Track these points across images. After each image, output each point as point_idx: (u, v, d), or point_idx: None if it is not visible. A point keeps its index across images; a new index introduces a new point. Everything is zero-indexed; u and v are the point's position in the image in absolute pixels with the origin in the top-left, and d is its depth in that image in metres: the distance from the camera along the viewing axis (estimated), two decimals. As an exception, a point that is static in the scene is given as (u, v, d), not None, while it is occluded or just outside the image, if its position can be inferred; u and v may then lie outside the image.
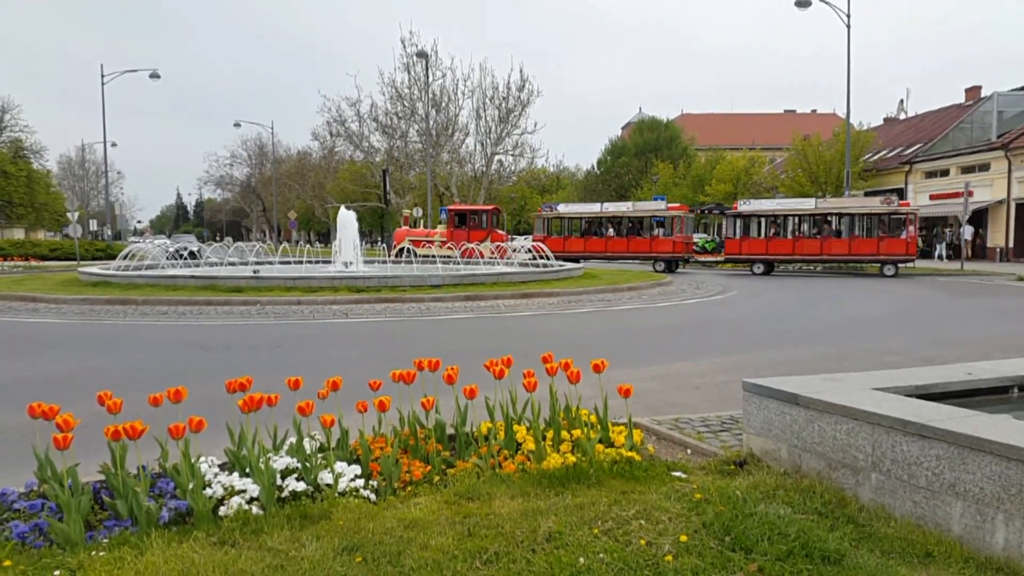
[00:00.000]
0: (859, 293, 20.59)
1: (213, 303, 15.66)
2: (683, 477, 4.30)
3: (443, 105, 48.79)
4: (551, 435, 4.79)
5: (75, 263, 35.01)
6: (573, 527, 3.50)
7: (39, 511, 3.68)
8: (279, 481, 4.02)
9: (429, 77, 46.52)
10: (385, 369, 4.95)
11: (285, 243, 56.19)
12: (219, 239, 79.82)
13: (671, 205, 34.50)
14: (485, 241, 31.74)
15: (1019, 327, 13.53)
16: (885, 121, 58.50)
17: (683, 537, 3.37)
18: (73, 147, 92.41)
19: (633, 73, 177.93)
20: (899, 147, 48.37)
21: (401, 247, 32.03)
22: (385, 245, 43.49)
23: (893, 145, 49.38)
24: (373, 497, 4.06)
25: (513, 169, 54.59)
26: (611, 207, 35.86)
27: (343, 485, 4.05)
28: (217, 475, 4.03)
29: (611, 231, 34.75)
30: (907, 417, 3.67)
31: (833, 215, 30.32)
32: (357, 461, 4.40)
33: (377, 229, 66.07)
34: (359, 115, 50.45)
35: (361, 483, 4.11)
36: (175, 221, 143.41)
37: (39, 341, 11.84)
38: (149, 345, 11.28)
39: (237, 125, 71.27)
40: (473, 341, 11.58)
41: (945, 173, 42.58)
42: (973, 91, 48.62)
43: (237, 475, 4.03)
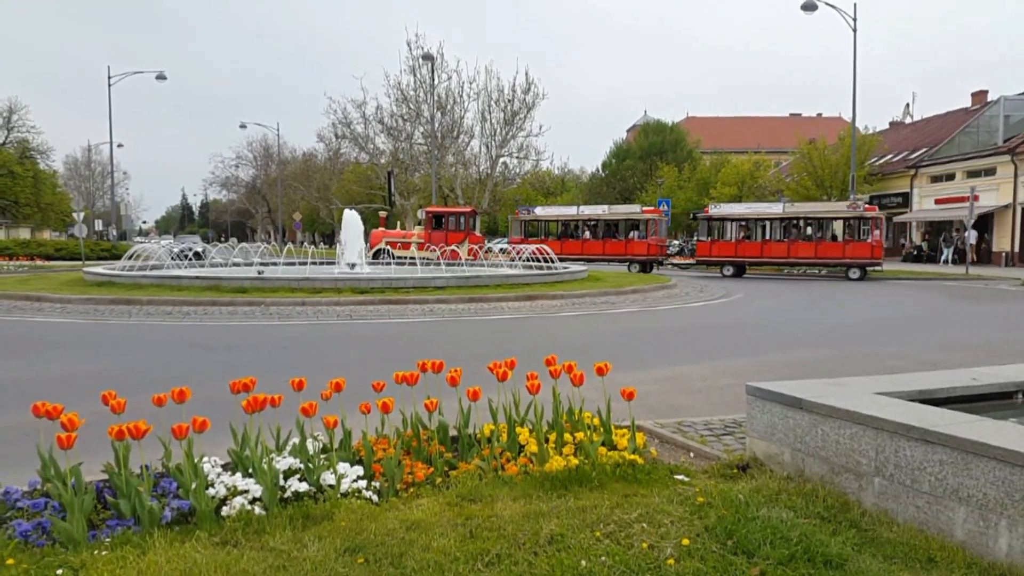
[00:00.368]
0: (862, 297, 20.56)
1: (218, 304, 15.68)
2: (686, 480, 4.30)
3: (448, 107, 48.83)
4: (554, 437, 4.78)
5: (80, 263, 35.10)
6: (575, 530, 3.50)
7: (42, 510, 3.69)
8: (282, 482, 4.03)
9: (435, 79, 46.59)
10: (388, 370, 4.95)
11: (290, 244, 56.25)
12: (224, 240, 79.95)
13: (645, 208, 35.26)
14: (463, 243, 31.82)
15: (1023, 332, 13.50)
16: (891, 125, 58.45)
17: (685, 541, 3.37)
18: (79, 147, 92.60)
19: (637, 74, 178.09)
20: (905, 151, 48.31)
21: (378, 248, 32.02)
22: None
23: (899, 149, 49.33)
24: (375, 498, 4.06)
25: (518, 171, 54.60)
26: (587, 210, 36.42)
27: (345, 486, 4.06)
28: (220, 475, 4.04)
29: (587, 234, 35.18)
30: (910, 422, 3.66)
31: (800, 219, 30.65)
32: (360, 462, 4.40)
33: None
34: (364, 117, 50.53)
35: (363, 484, 4.11)
36: (180, 222, 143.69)
37: (44, 341, 11.88)
38: (153, 345, 11.31)
39: (243, 126, 71.79)
40: (476, 343, 11.58)
41: (951, 177, 42.50)
42: (979, 95, 48.54)
43: (240, 475, 4.03)
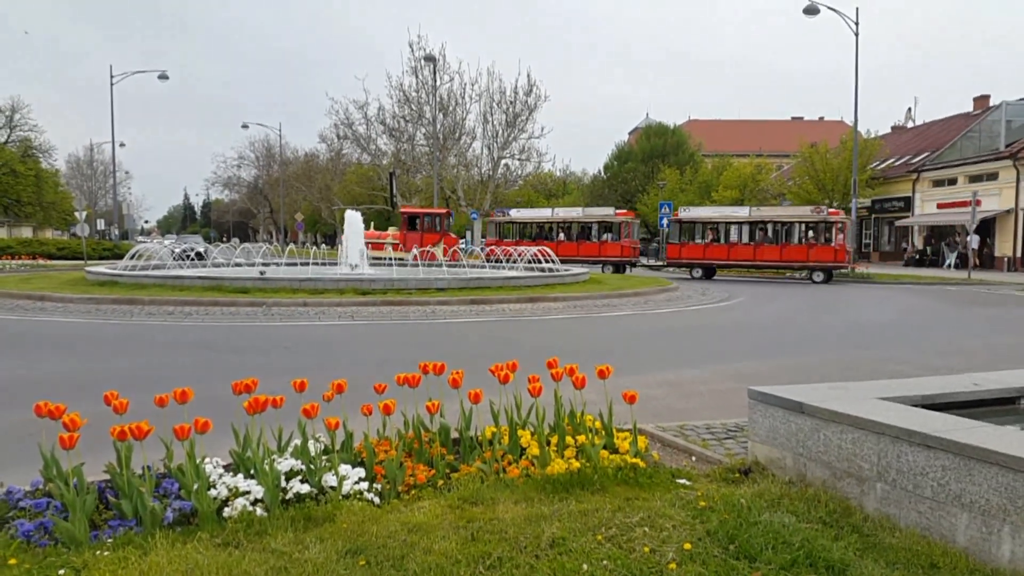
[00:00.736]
0: (863, 302, 20.54)
1: (219, 304, 15.68)
2: (688, 484, 4.29)
3: (450, 109, 48.89)
4: (555, 440, 4.78)
5: (82, 262, 35.13)
6: (577, 533, 3.50)
7: (44, 510, 3.69)
8: (283, 483, 4.03)
9: (437, 81, 46.62)
10: (390, 372, 4.96)
11: (292, 244, 56.27)
12: (226, 240, 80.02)
13: (619, 211, 35.92)
14: (439, 244, 31.84)
15: (1026, 337, 13.48)
16: (893, 129, 58.43)
17: (687, 545, 3.36)
18: (81, 147, 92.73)
19: (640, 78, 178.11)
20: (906, 155, 48.28)
21: None
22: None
23: (900, 153, 49.30)
24: (377, 500, 4.06)
25: (520, 173, 54.63)
26: (562, 212, 36.99)
27: (347, 488, 4.05)
28: (222, 476, 4.04)
29: (561, 236, 35.50)
30: (913, 427, 3.66)
31: (766, 223, 31.14)
32: (361, 464, 4.40)
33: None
34: (366, 118, 50.66)
35: (365, 486, 4.11)
36: (182, 222, 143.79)
37: (46, 340, 11.89)
38: (155, 345, 11.31)
39: (245, 127, 71.79)
40: (478, 345, 11.58)
41: (953, 182, 42.48)
42: (981, 100, 48.53)
43: (242, 476, 4.03)
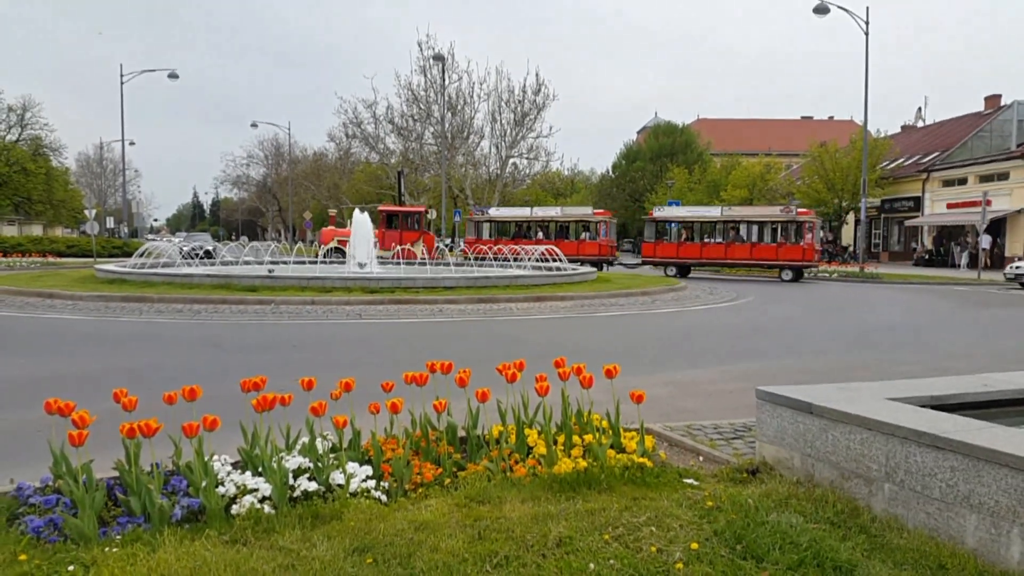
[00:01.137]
0: (872, 303, 20.46)
1: (228, 302, 15.74)
2: (695, 484, 4.29)
3: (459, 108, 48.98)
4: (562, 440, 4.78)
5: (92, 260, 35.28)
6: (584, 532, 3.50)
7: (54, 506, 3.71)
8: (291, 481, 4.04)
9: (445, 80, 46.67)
10: (397, 371, 4.96)
11: (300, 243, 56.41)
12: (235, 238, 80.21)
13: (597, 211, 36.60)
14: (418, 242, 31.91)
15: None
16: (903, 129, 58.21)
17: (694, 545, 3.36)
18: (91, 145, 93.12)
19: (648, 77, 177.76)
20: (916, 155, 48.09)
21: (330, 247, 31.84)
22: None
23: (910, 153, 49.10)
24: (384, 498, 4.06)
25: (528, 172, 54.68)
26: (540, 211, 37.80)
27: (354, 486, 4.06)
28: (230, 474, 4.05)
29: (540, 234, 35.94)
30: (921, 428, 3.64)
31: (737, 222, 31.81)
32: (369, 462, 4.41)
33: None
34: (375, 117, 50.74)
35: (372, 484, 4.12)
36: (191, 220, 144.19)
37: (55, 338, 11.95)
38: (164, 343, 11.36)
39: (254, 125, 72.00)
40: (485, 344, 11.59)
41: (963, 182, 42.28)
42: (993, 99, 48.29)
43: (250, 474, 4.04)
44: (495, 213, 37.70)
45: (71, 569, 3.14)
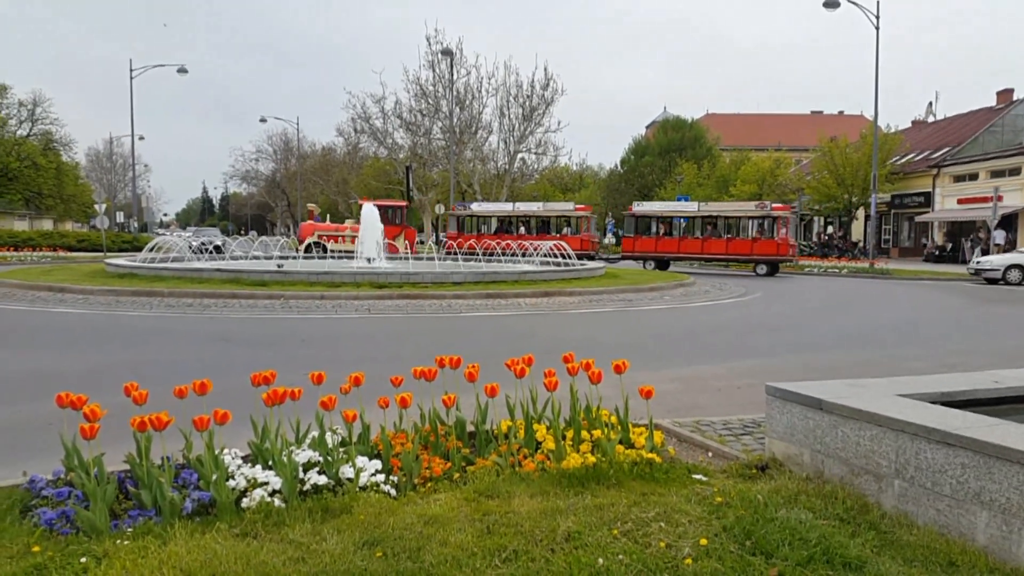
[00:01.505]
0: (881, 299, 20.38)
1: (238, 296, 15.79)
2: (704, 480, 4.28)
3: (467, 103, 48.92)
4: (571, 435, 4.78)
5: (102, 254, 35.41)
6: (592, 527, 3.51)
7: (66, 499, 3.73)
8: (301, 474, 4.05)
9: (454, 74, 46.63)
10: (406, 365, 4.98)
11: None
12: (244, 233, 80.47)
13: (578, 206, 37.11)
14: (399, 236, 31.96)
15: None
16: (913, 124, 57.90)
17: (703, 540, 3.36)
18: (101, 140, 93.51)
19: (658, 72, 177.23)
20: (927, 150, 47.84)
21: (309, 242, 31.81)
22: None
23: (921, 148, 48.85)
24: (393, 492, 4.08)
25: (536, 167, 54.59)
26: (522, 207, 38.04)
27: (364, 480, 4.08)
28: (240, 467, 4.07)
29: (521, 229, 36.25)
30: (932, 424, 3.63)
31: (714, 217, 32.18)
32: (378, 456, 4.43)
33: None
34: (383, 112, 50.70)
35: (382, 478, 4.13)
36: (200, 215, 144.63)
37: (67, 332, 12.01)
38: (174, 337, 11.41)
39: (263, 120, 71.70)
40: (494, 339, 11.60)
41: (974, 177, 42.02)
42: (1005, 94, 47.98)
43: (260, 468, 4.06)
44: (477, 208, 37.93)
45: (83, 561, 3.16)
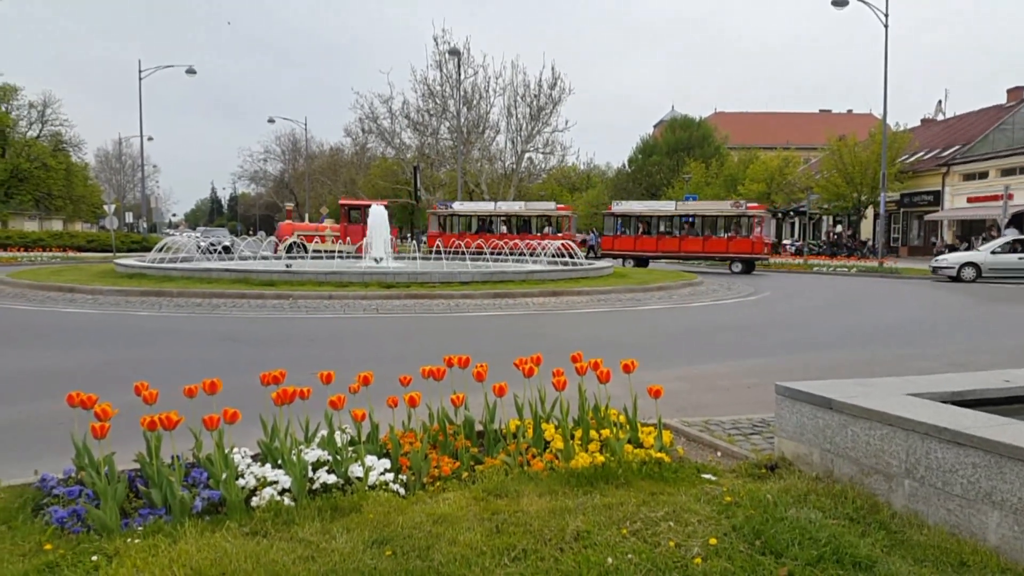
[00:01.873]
0: (889, 298, 20.30)
1: (247, 296, 15.84)
2: (713, 479, 4.28)
3: (474, 102, 48.89)
4: (579, 434, 4.78)
5: (111, 255, 35.58)
6: (601, 527, 3.50)
7: (77, 497, 3.75)
8: (310, 473, 4.07)
9: (461, 74, 46.65)
10: (415, 365, 4.98)
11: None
12: (252, 233, 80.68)
13: (559, 206, 37.75)
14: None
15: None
16: (922, 122, 57.63)
17: (712, 540, 3.35)
18: (110, 140, 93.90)
19: (664, 70, 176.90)
20: (936, 149, 47.63)
21: (289, 242, 31.76)
22: (415, 241, 43.66)
23: (930, 147, 48.64)
24: (402, 491, 4.08)
25: (543, 167, 54.51)
26: (503, 206, 38.33)
27: (373, 479, 4.09)
28: (250, 466, 4.09)
29: (503, 228, 36.38)
30: (942, 424, 3.61)
31: (691, 216, 33.01)
32: (387, 455, 4.43)
33: (407, 225, 66.45)
34: (391, 112, 50.74)
35: (391, 477, 4.14)
36: (209, 215, 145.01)
37: (76, 331, 12.07)
38: (184, 337, 11.45)
39: (271, 121, 72.00)
40: (502, 338, 11.60)
41: (984, 175, 41.82)
42: (1016, 92, 47.70)
43: (269, 466, 4.08)
44: (458, 207, 38.02)
45: (95, 559, 3.18)
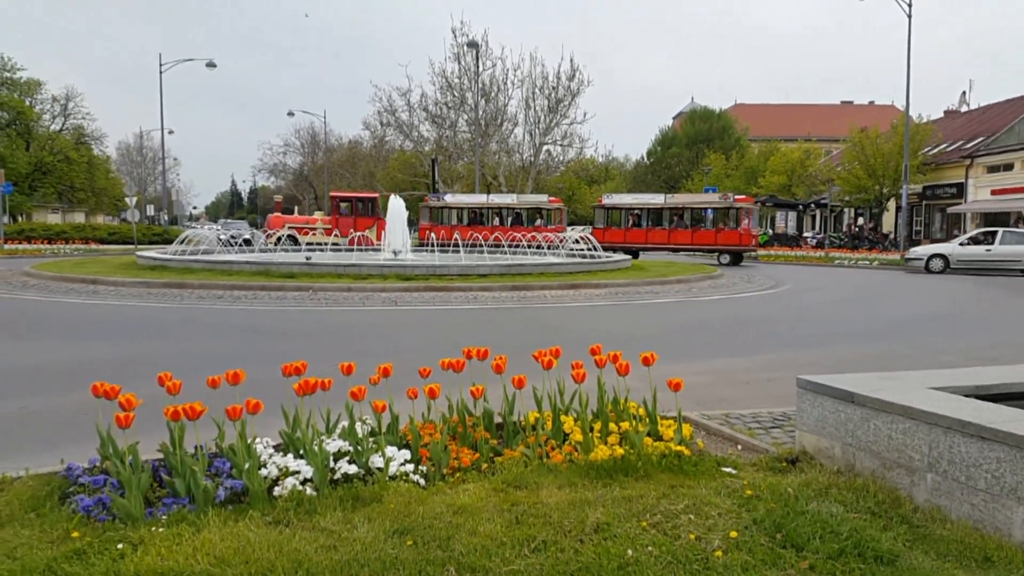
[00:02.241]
0: (911, 291, 20.10)
1: (267, 288, 15.95)
2: (733, 473, 4.26)
3: (492, 95, 48.84)
4: (599, 427, 4.78)
5: (133, 247, 35.94)
6: (621, 519, 3.50)
7: (102, 486, 3.80)
8: (332, 463, 4.10)
9: (479, 67, 46.59)
10: (434, 357, 5.00)
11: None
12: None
13: (551, 199, 37.62)
14: (372, 228, 31.98)
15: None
16: (946, 113, 56.84)
17: (733, 533, 3.35)
18: (131, 134, 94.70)
19: (684, 62, 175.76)
20: (960, 140, 46.97)
21: (280, 234, 31.84)
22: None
23: (954, 138, 47.98)
24: (422, 482, 4.11)
25: (562, 159, 54.42)
26: (496, 198, 38.58)
27: (393, 469, 4.11)
28: (272, 456, 4.12)
29: (495, 221, 36.54)
30: (966, 418, 3.58)
31: (680, 208, 33.43)
32: (407, 446, 4.46)
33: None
34: (409, 105, 50.82)
35: (411, 468, 4.16)
36: (229, 208, 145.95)
37: (100, 323, 12.20)
38: (205, 328, 11.55)
39: (291, 114, 72.34)
40: (520, 331, 11.60)
41: (1009, 167, 41.20)
42: (1041, 83, 46.89)
43: (291, 457, 4.11)
44: (450, 199, 38.05)
45: (120, 547, 3.22)
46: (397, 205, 24.22)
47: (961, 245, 27.05)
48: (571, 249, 26.90)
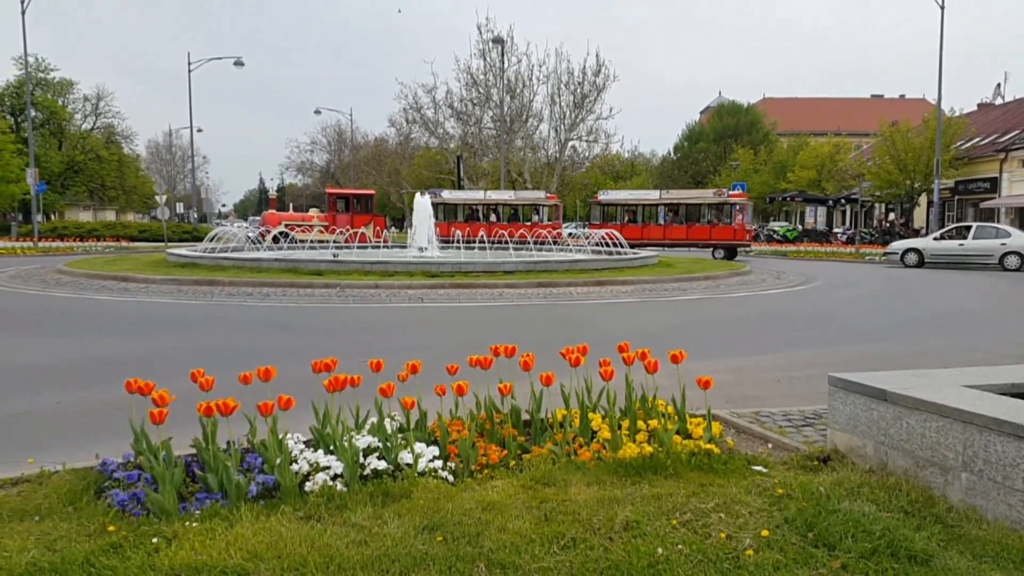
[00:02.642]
0: (941, 288, 19.79)
1: (296, 285, 16.08)
2: (764, 471, 4.23)
3: (518, 91, 48.83)
4: (627, 424, 4.77)
5: (163, 244, 36.44)
6: (651, 517, 3.49)
7: (136, 481, 3.86)
8: (361, 459, 4.13)
9: (504, 63, 46.58)
10: (461, 353, 5.01)
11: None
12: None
13: (549, 194, 38.08)
14: (369, 224, 32.03)
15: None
16: (979, 107, 55.91)
17: (764, 532, 3.32)
18: (160, 132, 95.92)
19: (712, 55, 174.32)
20: (994, 134, 46.14)
21: (276, 232, 31.93)
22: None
23: (987, 132, 47.14)
24: (451, 478, 4.12)
25: (587, 155, 54.27)
26: (493, 195, 38.58)
27: (422, 465, 4.13)
28: (303, 451, 4.16)
29: (493, 217, 36.81)
30: (1002, 416, 3.52)
31: (675, 204, 34.25)
32: (435, 443, 4.47)
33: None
34: (435, 102, 50.97)
35: (439, 464, 4.18)
36: (257, 205, 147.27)
37: (130, 319, 12.38)
38: (235, 325, 11.68)
39: (317, 112, 73.07)
40: (547, 328, 11.59)
41: (1044, 161, 40.43)
42: (1078, 74, 45.93)
43: (322, 452, 4.15)
44: (447, 196, 37.98)
45: (155, 541, 3.27)
46: (423, 203, 24.29)
47: (936, 239, 27.57)
48: (596, 247, 26.84)
